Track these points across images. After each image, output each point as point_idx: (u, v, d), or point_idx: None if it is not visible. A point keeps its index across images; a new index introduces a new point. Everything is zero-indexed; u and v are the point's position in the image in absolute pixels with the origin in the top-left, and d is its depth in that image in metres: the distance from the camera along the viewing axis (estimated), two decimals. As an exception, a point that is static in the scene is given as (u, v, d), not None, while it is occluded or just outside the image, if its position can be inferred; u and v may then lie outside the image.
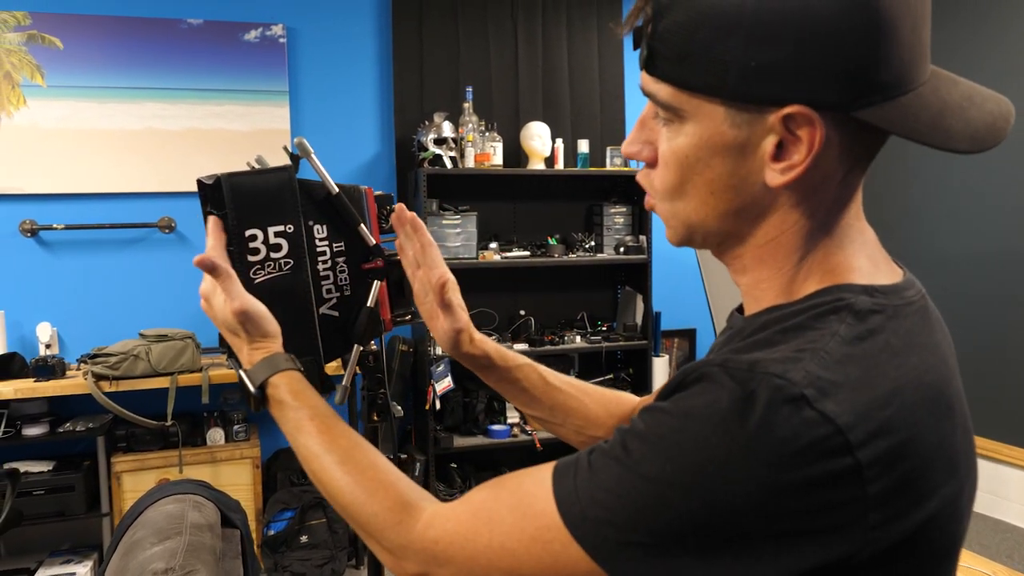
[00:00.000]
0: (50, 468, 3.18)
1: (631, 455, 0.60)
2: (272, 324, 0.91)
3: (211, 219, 0.95)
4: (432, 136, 3.69)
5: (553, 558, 0.63)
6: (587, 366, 4.13)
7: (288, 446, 3.79)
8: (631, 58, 4.26)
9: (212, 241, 0.92)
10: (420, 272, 1.00)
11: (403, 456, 3.70)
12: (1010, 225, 3.87)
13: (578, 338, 3.98)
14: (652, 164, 0.68)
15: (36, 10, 3.39)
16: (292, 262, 1.00)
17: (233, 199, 0.96)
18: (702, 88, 0.62)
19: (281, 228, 0.99)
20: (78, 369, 3.29)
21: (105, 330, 3.49)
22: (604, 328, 4.12)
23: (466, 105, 3.77)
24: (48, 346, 3.38)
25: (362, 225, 1.05)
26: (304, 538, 3.38)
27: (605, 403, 1.02)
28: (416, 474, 3.65)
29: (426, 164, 3.67)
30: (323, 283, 1.04)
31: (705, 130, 0.63)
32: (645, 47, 0.64)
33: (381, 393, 1.20)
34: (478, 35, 3.97)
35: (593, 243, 4.03)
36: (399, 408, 1.20)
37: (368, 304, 1.06)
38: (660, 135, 0.67)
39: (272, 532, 3.34)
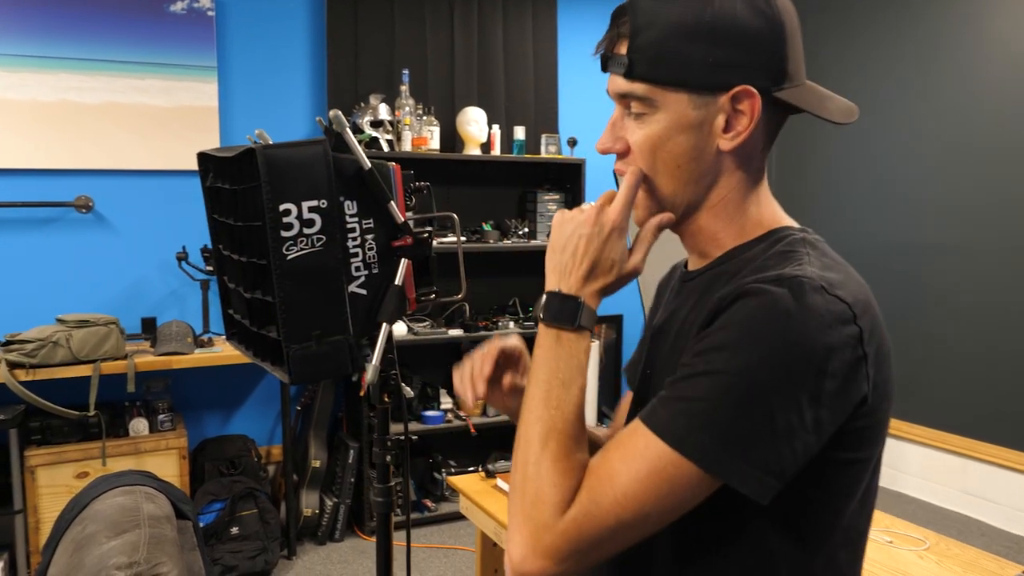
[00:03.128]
0: (-45, 463, 2.96)
1: (712, 364, 0.73)
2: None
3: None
4: (368, 119, 3.61)
5: (670, 484, 0.73)
6: (519, 352, 4.15)
7: (215, 436, 3.61)
8: (565, 48, 4.30)
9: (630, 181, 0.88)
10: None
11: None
12: (920, 217, 4.14)
13: (512, 324, 4.01)
14: (624, 154, 0.87)
15: (-64, -32, 3.12)
16: (324, 238, 0.97)
17: (268, 172, 0.93)
18: (673, 82, 0.82)
19: (315, 203, 0.97)
20: (-13, 357, 3.06)
21: (15, 316, 3.26)
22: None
23: (403, 88, 3.71)
24: (-50, 332, 3.13)
25: (392, 202, 1.04)
26: (235, 529, 3.27)
27: None
28: (349, 461, 3.59)
29: (362, 147, 3.59)
30: (352, 260, 1.02)
31: (673, 115, 0.82)
32: (625, 59, 0.82)
33: (392, 374, 1.18)
34: (414, 18, 3.90)
35: (527, 229, 4.06)
36: (409, 389, 1.19)
37: (395, 282, 1.04)
38: (630, 128, 0.85)
39: (201, 524, 3.22)
